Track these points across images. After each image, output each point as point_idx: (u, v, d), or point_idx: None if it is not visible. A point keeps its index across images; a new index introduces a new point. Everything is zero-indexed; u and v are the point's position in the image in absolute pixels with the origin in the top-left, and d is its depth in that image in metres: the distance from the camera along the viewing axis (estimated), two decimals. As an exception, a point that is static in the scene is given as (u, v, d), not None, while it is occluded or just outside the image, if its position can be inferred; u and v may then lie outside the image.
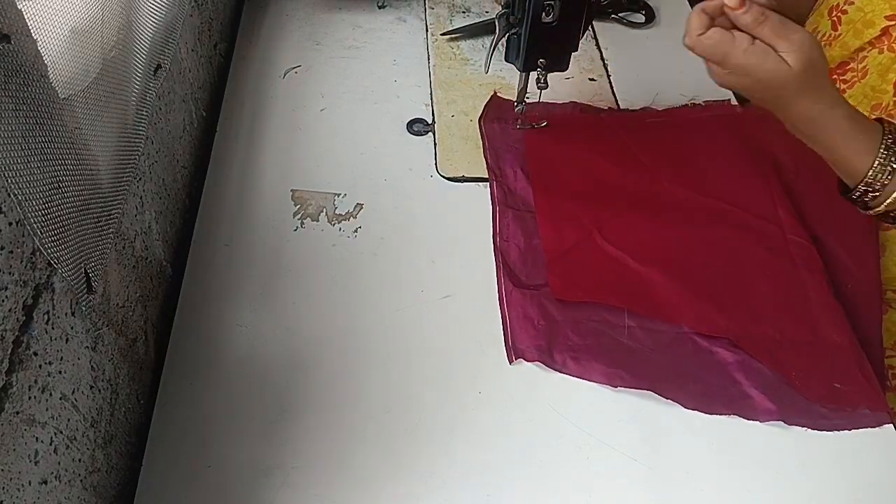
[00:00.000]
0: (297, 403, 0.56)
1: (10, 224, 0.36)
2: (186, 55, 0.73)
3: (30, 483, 0.38)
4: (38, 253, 0.38)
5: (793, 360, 0.59)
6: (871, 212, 0.62)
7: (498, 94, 0.82)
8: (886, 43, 0.72)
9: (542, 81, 0.73)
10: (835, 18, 0.77)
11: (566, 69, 0.72)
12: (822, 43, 0.79)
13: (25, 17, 0.37)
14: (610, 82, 0.86)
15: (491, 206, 0.71)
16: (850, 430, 0.56)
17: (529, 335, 0.60)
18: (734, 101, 0.83)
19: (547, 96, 0.77)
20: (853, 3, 0.74)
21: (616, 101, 0.83)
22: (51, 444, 0.41)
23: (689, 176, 0.73)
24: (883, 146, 0.58)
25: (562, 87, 0.83)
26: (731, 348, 0.60)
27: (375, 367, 0.59)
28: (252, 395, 0.57)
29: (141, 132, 0.55)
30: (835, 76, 0.77)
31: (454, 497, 0.53)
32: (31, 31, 0.38)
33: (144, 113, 0.55)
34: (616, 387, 0.58)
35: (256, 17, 0.92)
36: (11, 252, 0.36)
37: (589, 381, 0.58)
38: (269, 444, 0.54)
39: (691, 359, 0.60)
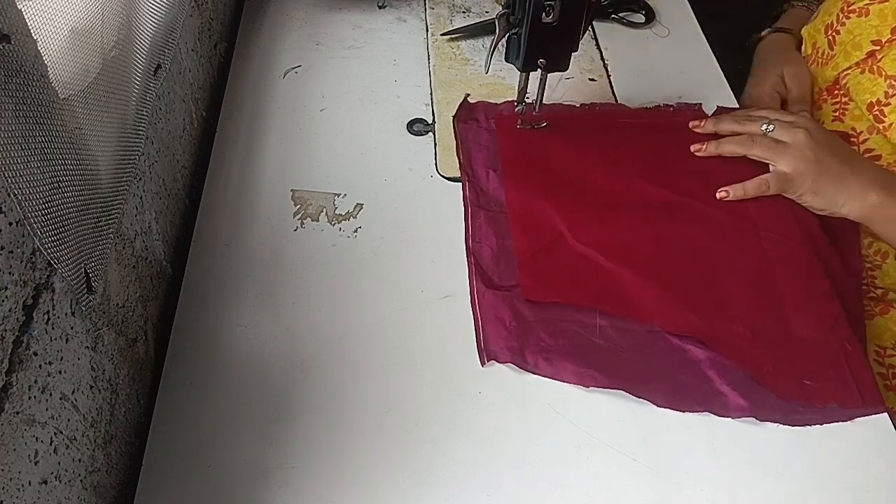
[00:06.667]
0: (297, 403, 0.57)
1: (10, 224, 0.36)
2: (186, 55, 0.73)
3: (30, 483, 0.38)
4: (38, 253, 0.38)
5: (763, 357, 0.59)
6: None
7: (468, 97, 0.81)
8: (869, 64, 0.73)
9: (542, 81, 0.73)
10: (830, 38, 0.78)
11: (566, 69, 0.72)
12: (820, 61, 0.80)
13: (25, 17, 0.37)
14: (610, 82, 0.86)
15: (463, 208, 0.70)
16: (821, 424, 0.56)
17: (501, 336, 0.60)
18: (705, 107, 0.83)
19: (547, 96, 0.77)
20: (844, 24, 0.76)
21: (616, 101, 0.83)
22: (51, 444, 0.41)
23: (662, 174, 0.72)
24: None
25: (562, 87, 0.83)
26: (703, 346, 0.60)
27: (375, 367, 0.59)
28: (252, 395, 0.57)
29: (141, 132, 0.55)
30: (825, 95, 0.78)
31: (454, 497, 0.53)
32: (31, 31, 0.38)
33: (144, 113, 0.55)
34: (588, 387, 0.58)
35: (256, 17, 0.92)
36: (11, 252, 0.36)
37: (561, 381, 0.58)
38: (269, 444, 0.54)
39: (663, 357, 0.60)
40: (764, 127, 0.70)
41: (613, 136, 0.77)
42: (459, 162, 0.74)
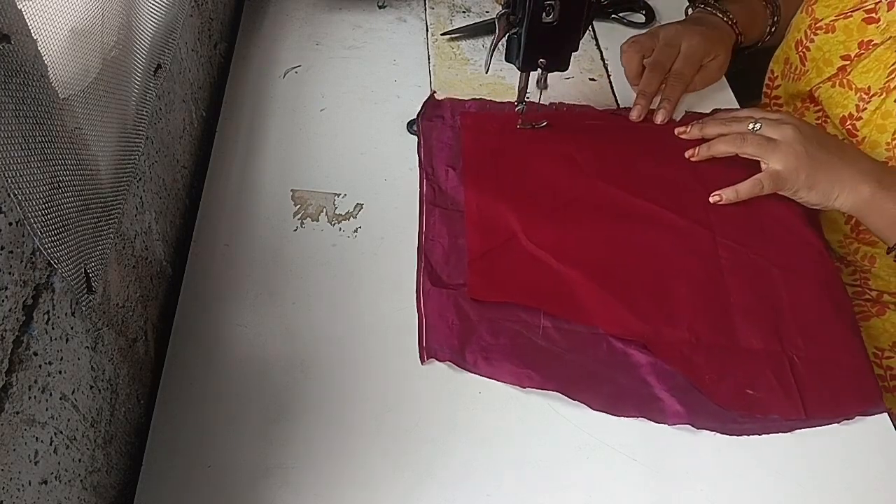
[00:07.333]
0: (297, 403, 0.56)
1: (10, 224, 0.36)
2: (186, 55, 0.73)
3: (30, 483, 0.38)
4: (38, 253, 0.38)
5: (706, 364, 0.59)
6: None
7: (435, 94, 0.81)
8: (840, 78, 0.74)
9: (542, 81, 0.73)
10: (801, 54, 0.79)
11: (566, 69, 0.72)
12: (792, 76, 0.81)
13: (25, 17, 0.37)
14: (610, 82, 0.86)
15: (419, 205, 0.70)
16: (759, 434, 0.56)
17: (443, 335, 0.60)
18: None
19: (547, 96, 0.77)
20: (813, 41, 0.77)
21: (616, 100, 0.83)
22: (51, 444, 0.41)
23: (625, 177, 0.72)
24: None
25: (562, 87, 0.83)
26: (646, 350, 0.60)
27: (375, 367, 0.59)
28: (252, 395, 0.57)
29: (141, 132, 0.55)
30: (808, 103, 0.79)
31: (454, 497, 0.53)
32: (31, 31, 0.38)
33: (144, 113, 0.55)
34: (525, 387, 0.57)
35: (256, 17, 0.92)
36: (11, 252, 0.36)
37: (499, 381, 0.58)
38: (269, 444, 0.54)
39: (605, 360, 0.59)
40: (751, 126, 0.70)
41: (579, 138, 0.76)
42: (420, 160, 0.74)
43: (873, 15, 0.72)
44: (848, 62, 0.74)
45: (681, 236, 0.68)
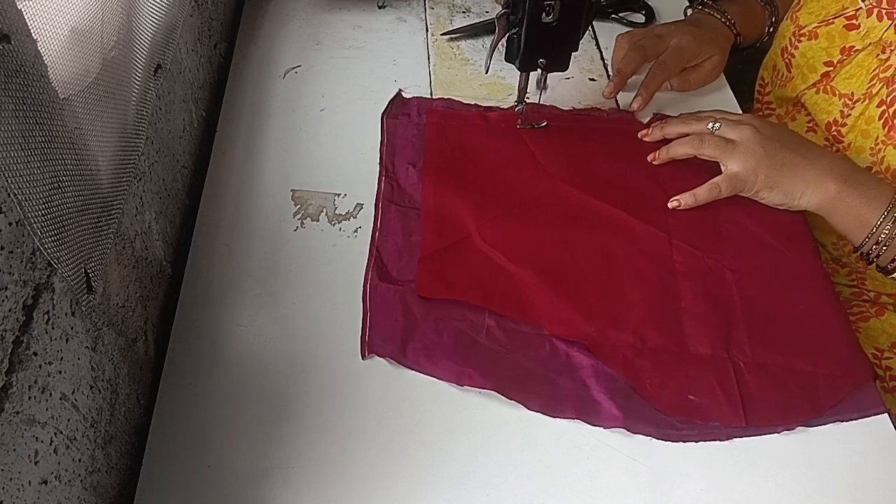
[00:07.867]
0: (297, 403, 0.57)
1: (10, 224, 0.36)
2: (186, 55, 0.73)
3: (30, 483, 0.38)
4: (38, 253, 0.38)
5: (650, 368, 0.59)
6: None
7: (402, 92, 0.81)
8: (824, 84, 0.75)
9: (542, 81, 0.73)
10: (787, 60, 0.80)
11: (566, 69, 0.72)
12: (779, 82, 0.81)
13: (25, 17, 0.37)
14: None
15: (374, 202, 0.70)
16: (696, 441, 0.56)
17: (386, 331, 0.60)
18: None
19: (547, 96, 0.77)
20: (798, 48, 0.77)
21: (616, 101, 0.83)
22: (51, 444, 0.41)
23: (586, 179, 0.72)
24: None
25: (562, 87, 0.83)
26: (588, 353, 0.59)
27: (375, 367, 0.59)
28: (252, 395, 0.57)
29: (141, 132, 0.55)
30: (800, 108, 0.79)
31: (454, 497, 0.53)
32: (31, 31, 0.38)
33: (144, 113, 0.55)
34: (463, 385, 0.57)
35: (256, 17, 0.92)
36: (11, 252, 0.36)
37: (439, 379, 0.58)
38: (269, 444, 0.54)
39: (546, 361, 0.59)
40: (710, 125, 0.70)
41: (544, 139, 0.76)
42: (381, 157, 0.74)
43: (854, 21, 0.72)
44: (831, 68, 0.74)
45: (636, 239, 0.67)
